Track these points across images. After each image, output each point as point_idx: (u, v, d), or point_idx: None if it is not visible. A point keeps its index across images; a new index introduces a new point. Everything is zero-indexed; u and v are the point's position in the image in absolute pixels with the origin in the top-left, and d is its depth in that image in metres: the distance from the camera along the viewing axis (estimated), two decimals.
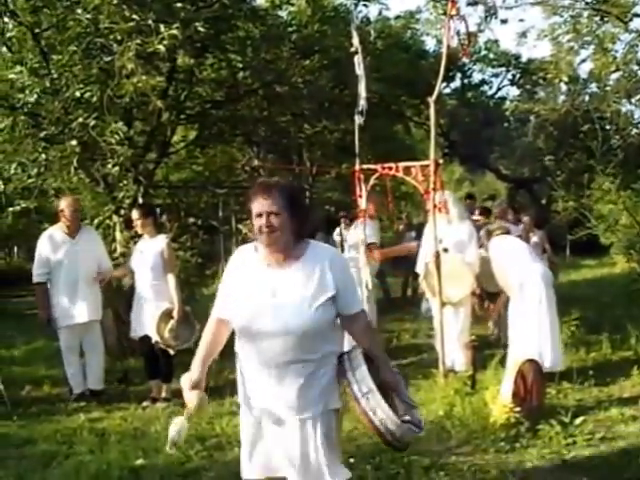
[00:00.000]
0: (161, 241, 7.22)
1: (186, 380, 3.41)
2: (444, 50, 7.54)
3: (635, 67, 15.86)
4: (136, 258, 7.36)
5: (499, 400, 5.81)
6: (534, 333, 7.12)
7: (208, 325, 3.53)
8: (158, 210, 10.51)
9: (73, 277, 7.42)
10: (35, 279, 7.47)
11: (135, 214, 7.35)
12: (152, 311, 7.09)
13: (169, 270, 7.13)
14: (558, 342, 7.35)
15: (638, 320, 9.24)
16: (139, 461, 5.37)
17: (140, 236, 7.59)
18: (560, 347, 7.38)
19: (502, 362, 6.96)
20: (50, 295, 7.44)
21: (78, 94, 8.45)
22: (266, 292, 3.25)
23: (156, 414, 6.73)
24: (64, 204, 7.49)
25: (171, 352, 7.23)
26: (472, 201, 12.31)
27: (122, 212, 9.47)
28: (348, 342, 3.48)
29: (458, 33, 7.61)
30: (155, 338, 7.06)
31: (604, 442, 5.37)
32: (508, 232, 7.86)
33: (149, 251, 7.20)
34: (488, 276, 7.93)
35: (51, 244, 7.42)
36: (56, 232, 7.52)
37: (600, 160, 12.54)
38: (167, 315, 7.06)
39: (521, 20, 31.74)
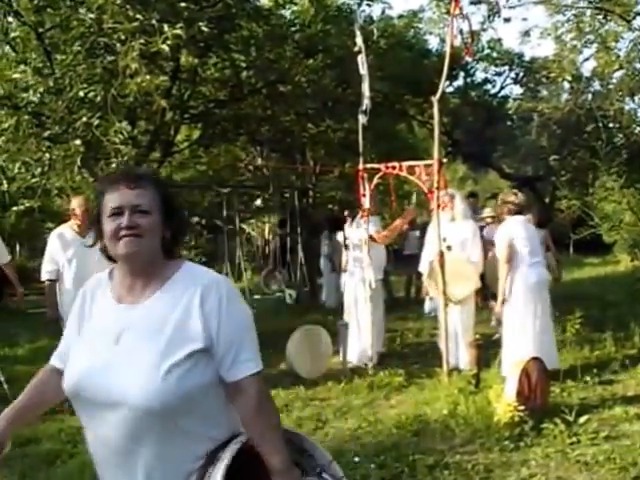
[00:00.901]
0: None
1: None
2: (447, 49, 7.55)
3: (638, 65, 15.87)
4: None
5: (503, 399, 5.81)
6: (526, 334, 7.14)
7: (39, 372, 2.53)
8: None
9: (82, 276, 7.40)
10: (44, 277, 7.47)
11: None
12: None
13: None
14: (551, 344, 7.40)
15: None
16: None
17: None
18: (554, 348, 7.42)
19: None
20: (58, 293, 7.46)
21: (82, 94, 8.47)
22: (107, 340, 2.15)
23: None
24: (75, 204, 7.48)
25: None
26: (475, 199, 12.33)
27: None
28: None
29: (461, 32, 7.63)
30: None
31: (608, 441, 5.36)
32: (520, 211, 7.56)
33: None
34: (493, 276, 7.94)
35: (61, 242, 7.41)
36: (66, 231, 7.51)
37: (604, 159, 12.55)
38: None
39: (524, 19, 31.86)
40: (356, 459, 5.16)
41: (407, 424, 5.98)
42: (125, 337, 2.13)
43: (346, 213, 10.31)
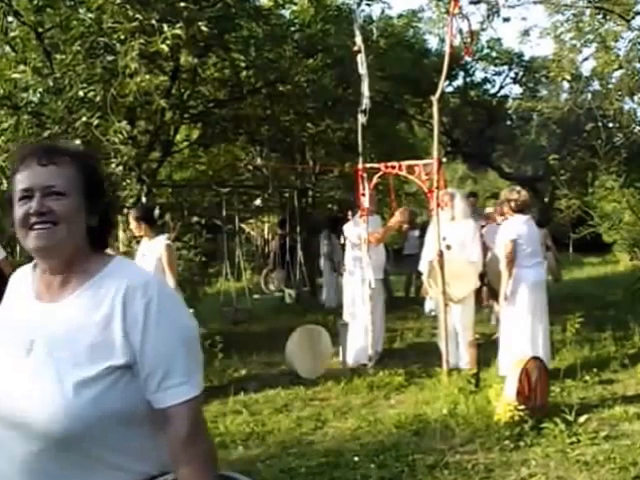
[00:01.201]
0: (160, 244, 7.14)
1: None
2: (447, 49, 7.56)
3: (638, 65, 15.88)
4: (139, 260, 7.33)
5: (503, 398, 5.82)
6: (523, 334, 7.14)
7: None
8: (159, 209, 10.54)
9: None
10: None
11: (130, 217, 7.34)
12: None
13: (169, 273, 7.07)
14: (547, 344, 7.39)
15: None
16: None
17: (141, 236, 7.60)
18: (548, 349, 7.41)
19: None
20: None
21: (81, 93, 8.47)
22: (18, 348, 1.77)
23: None
24: None
25: None
26: (474, 199, 12.34)
27: (125, 211, 9.48)
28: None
29: (460, 32, 7.64)
30: None
31: (608, 440, 5.37)
32: (522, 210, 7.46)
33: (150, 254, 7.16)
34: (495, 274, 7.94)
35: None
36: None
37: (603, 158, 12.56)
38: None
39: (524, 18, 31.51)
40: (356, 459, 5.17)
41: (407, 424, 5.98)
42: (37, 346, 1.75)
43: (350, 213, 10.32)
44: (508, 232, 7.31)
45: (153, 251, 7.14)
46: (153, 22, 7.84)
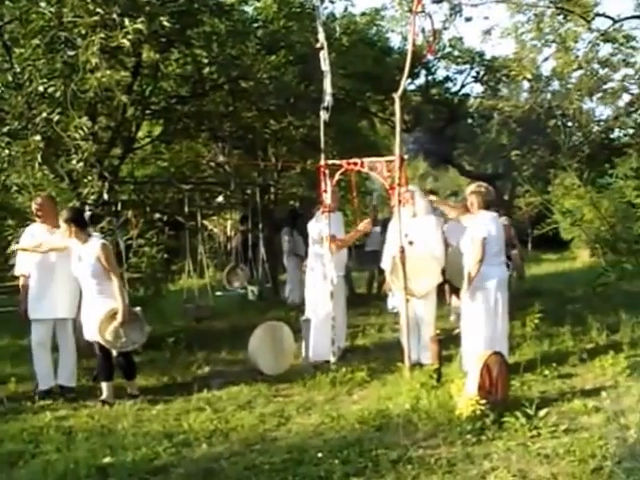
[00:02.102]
0: (95, 245, 7.03)
1: None
2: (409, 47, 7.60)
3: (596, 66, 16.19)
4: (75, 265, 7.17)
5: (465, 393, 5.88)
6: (485, 330, 7.20)
7: None
8: (120, 206, 10.46)
9: (51, 273, 7.41)
10: (17, 272, 7.54)
11: (60, 220, 7.21)
12: (97, 312, 6.99)
13: (111, 272, 6.98)
14: (505, 341, 7.45)
15: (599, 312, 9.44)
16: (107, 459, 5.35)
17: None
18: (506, 345, 7.45)
19: None
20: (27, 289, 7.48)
21: (41, 89, 8.35)
22: None
23: (123, 411, 6.69)
24: (34, 204, 7.59)
25: (114, 353, 7.15)
26: (435, 196, 12.42)
27: (87, 208, 9.39)
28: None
29: (423, 30, 7.70)
30: (96, 338, 6.94)
31: (568, 433, 5.45)
32: (489, 206, 7.43)
33: (86, 258, 7.04)
34: (455, 270, 8.02)
35: (32, 239, 7.48)
36: (37, 227, 7.61)
37: (564, 155, 12.75)
38: (112, 317, 6.94)
39: (486, 18, 31.84)
40: (320, 455, 5.18)
41: (370, 419, 6.01)
42: None
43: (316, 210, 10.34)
44: (479, 230, 7.28)
45: (89, 254, 7.02)
46: (114, 16, 7.74)
